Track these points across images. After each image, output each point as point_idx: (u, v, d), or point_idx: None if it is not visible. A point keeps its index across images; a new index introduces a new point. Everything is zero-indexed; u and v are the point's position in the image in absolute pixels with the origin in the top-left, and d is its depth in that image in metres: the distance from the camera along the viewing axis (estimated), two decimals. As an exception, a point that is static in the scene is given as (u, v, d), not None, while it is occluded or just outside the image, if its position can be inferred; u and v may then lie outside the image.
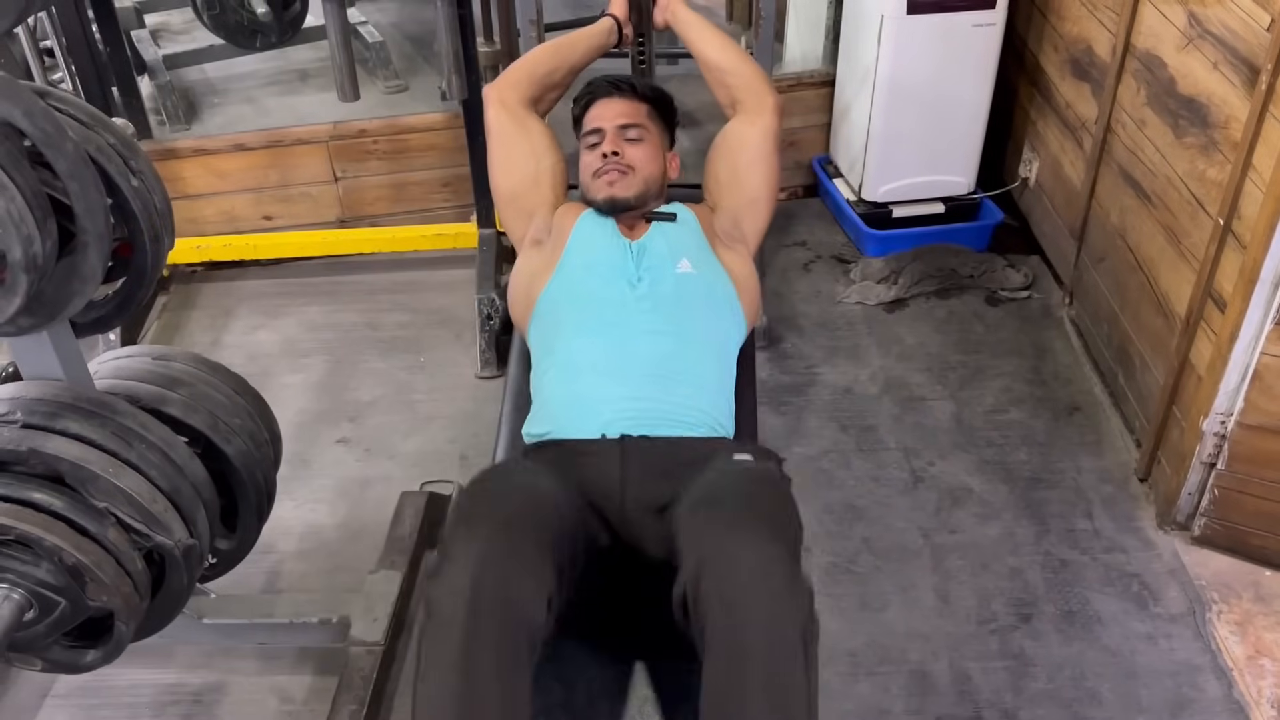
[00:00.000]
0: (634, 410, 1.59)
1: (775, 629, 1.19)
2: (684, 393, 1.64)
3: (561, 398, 1.65)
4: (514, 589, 1.20)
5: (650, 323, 1.68)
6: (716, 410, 1.67)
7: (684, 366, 1.66)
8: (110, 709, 1.93)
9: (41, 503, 1.49)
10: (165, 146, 2.97)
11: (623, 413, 1.59)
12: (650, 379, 1.63)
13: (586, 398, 1.62)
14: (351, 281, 3.04)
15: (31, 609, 1.53)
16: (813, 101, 3.23)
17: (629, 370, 1.64)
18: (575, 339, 1.69)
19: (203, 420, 1.78)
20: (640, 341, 1.66)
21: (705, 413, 1.64)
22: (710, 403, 1.66)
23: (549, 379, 1.69)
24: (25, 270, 1.34)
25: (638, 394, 1.61)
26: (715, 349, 1.73)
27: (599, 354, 1.66)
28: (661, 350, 1.66)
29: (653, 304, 1.70)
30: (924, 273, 2.94)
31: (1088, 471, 2.35)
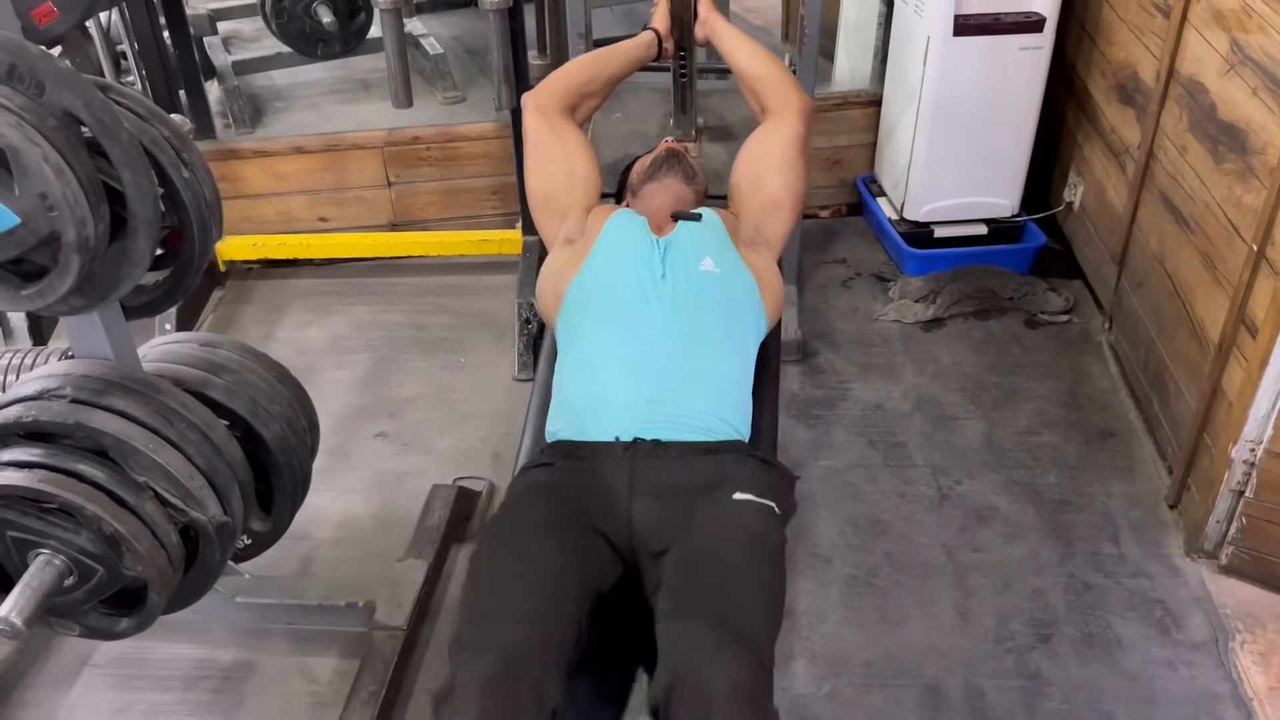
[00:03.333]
0: (648, 413, 1.63)
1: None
2: (699, 394, 1.66)
3: (580, 395, 1.70)
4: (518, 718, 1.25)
5: (670, 321, 1.72)
6: (732, 413, 1.69)
7: (701, 367, 1.69)
8: (144, 680, 2.01)
9: (84, 474, 1.57)
10: (227, 147, 3.09)
11: (637, 414, 1.62)
12: (667, 379, 1.67)
13: (603, 397, 1.67)
14: (399, 283, 3.12)
15: (71, 575, 1.60)
16: (859, 121, 3.26)
17: (646, 369, 1.67)
18: (597, 333, 1.74)
19: (243, 405, 1.85)
20: (659, 340, 1.70)
21: (719, 417, 1.66)
22: (725, 405, 1.69)
23: (569, 375, 1.74)
24: (78, 251, 1.42)
25: (653, 396, 1.64)
26: (734, 349, 1.76)
27: (618, 351, 1.70)
28: (679, 350, 1.69)
29: (674, 303, 1.74)
30: (963, 293, 2.94)
31: (1117, 496, 2.33)
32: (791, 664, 1.99)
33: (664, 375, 1.68)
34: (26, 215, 1.39)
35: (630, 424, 1.62)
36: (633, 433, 1.61)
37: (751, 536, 1.45)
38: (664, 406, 1.64)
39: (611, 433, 1.62)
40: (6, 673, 2.02)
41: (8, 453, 1.59)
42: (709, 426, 1.64)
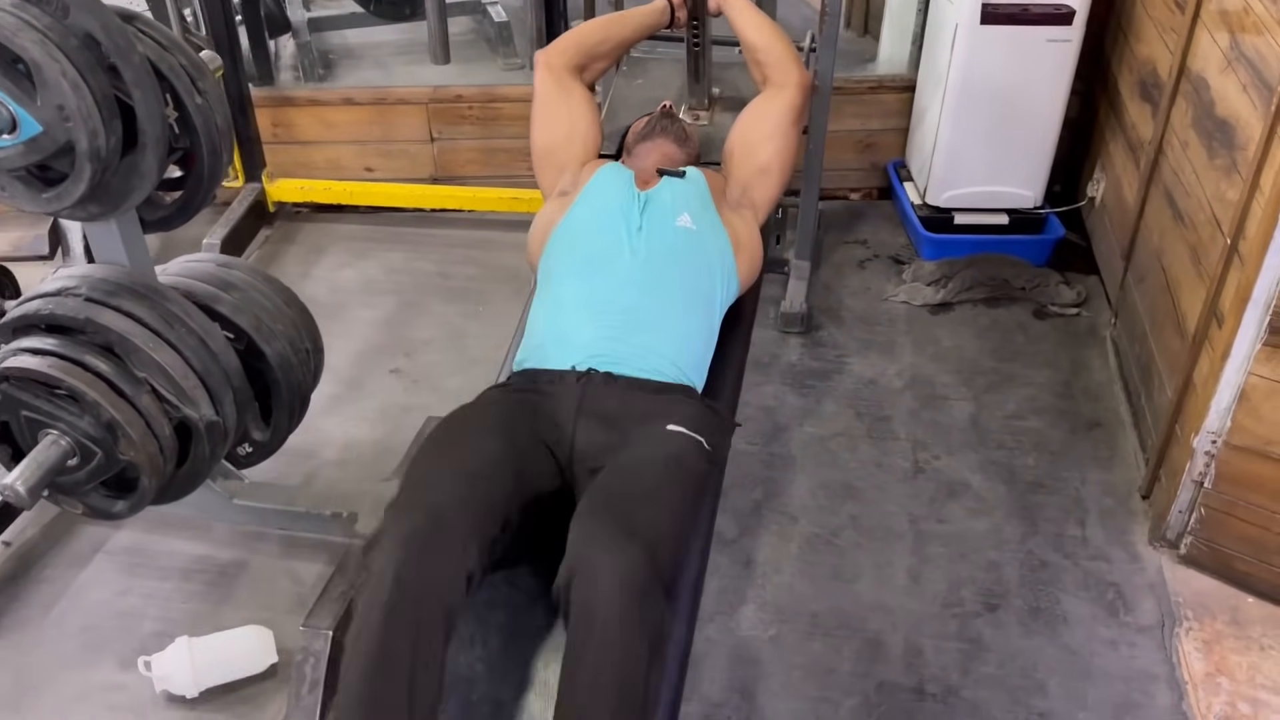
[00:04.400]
0: (606, 349, 1.73)
1: (623, 642, 1.30)
2: (654, 339, 1.75)
3: (545, 329, 1.81)
4: (431, 574, 1.34)
5: (639, 271, 1.82)
6: (687, 362, 1.77)
7: (660, 315, 1.78)
8: (147, 569, 2.20)
9: (90, 364, 1.74)
10: (283, 94, 3.27)
11: (595, 350, 1.73)
12: (627, 322, 1.76)
13: (565, 331, 1.78)
14: (433, 234, 3.28)
15: (74, 456, 1.78)
16: (893, 105, 3.30)
17: (608, 312, 1.77)
18: (569, 277, 1.85)
19: (247, 320, 2.01)
20: (625, 288, 1.80)
21: (674, 363, 1.75)
22: (681, 355, 1.77)
23: (539, 312, 1.85)
24: (90, 159, 1.59)
25: (611, 334, 1.75)
26: (698, 304, 1.84)
27: (586, 294, 1.81)
28: (642, 298, 1.79)
29: (646, 254, 1.83)
30: (975, 280, 2.98)
31: (1092, 484, 2.36)
32: (741, 608, 2.09)
33: (625, 318, 1.77)
34: (46, 124, 1.56)
35: (587, 357, 1.72)
36: (588, 364, 1.71)
37: (671, 458, 1.55)
38: (621, 345, 1.74)
39: (569, 363, 1.72)
40: (29, 551, 2.23)
41: (26, 340, 1.77)
42: (662, 369, 1.73)
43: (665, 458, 1.55)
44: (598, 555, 1.34)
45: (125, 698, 1.94)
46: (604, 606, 1.31)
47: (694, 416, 1.66)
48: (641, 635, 1.31)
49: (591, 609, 1.32)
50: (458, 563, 1.36)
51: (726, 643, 2.02)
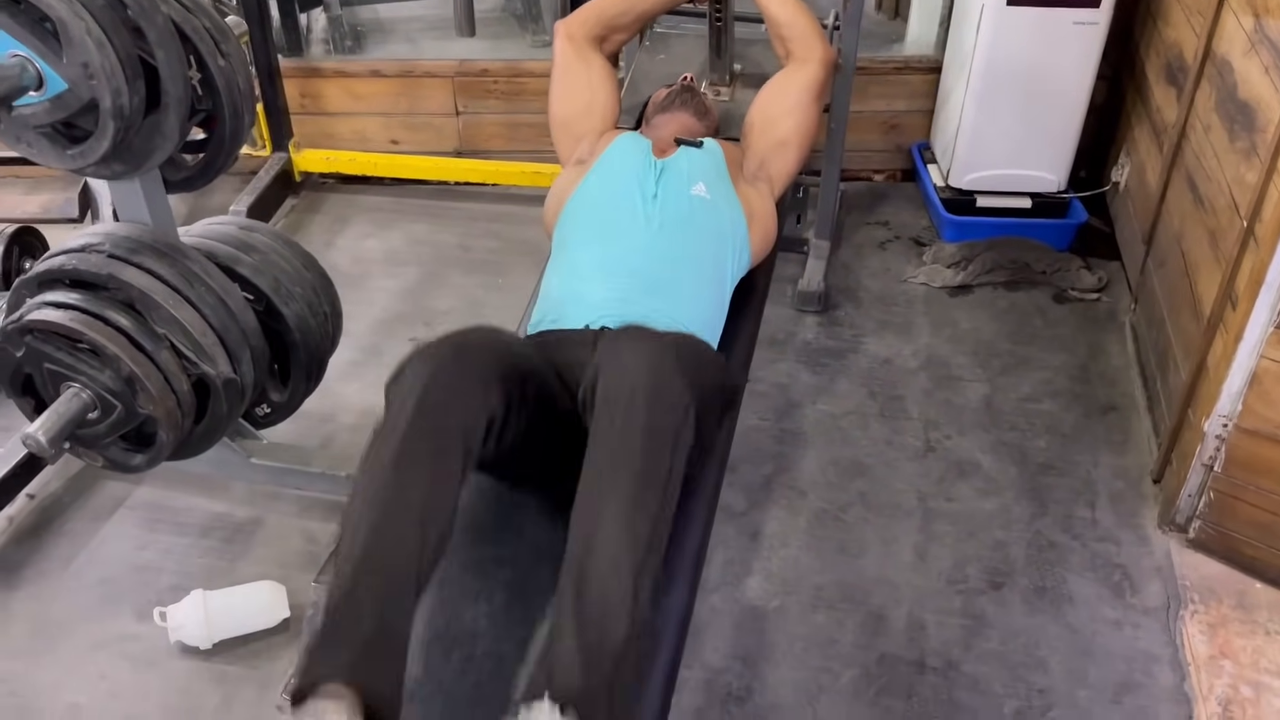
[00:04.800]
0: (617, 309, 1.74)
1: (646, 416, 1.29)
2: (665, 303, 1.77)
3: (559, 293, 1.83)
4: (456, 400, 1.33)
5: (652, 237, 1.83)
6: (693, 324, 1.77)
7: (671, 280, 1.79)
8: (166, 524, 2.25)
9: (112, 319, 1.79)
10: (311, 65, 3.31)
11: (607, 310, 1.74)
12: (637, 285, 1.78)
13: (579, 293, 1.79)
14: (456, 207, 3.31)
15: (95, 409, 1.83)
16: (919, 86, 3.29)
17: (621, 275, 1.79)
18: (583, 242, 1.87)
19: (266, 282, 2.05)
20: (638, 253, 1.81)
21: (680, 324, 1.76)
22: (689, 316, 1.78)
23: (554, 277, 1.88)
24: (113, 117, 1.63)
25: (623, 296, 1.76)
26: (710, 273, 1.86)
27: (599, 258, 1.83)
28: (654, 263, 1.80)
29: (660, 221, 1.85)
30: (995, 262, 2.97)
31: (1104, 467, 2.36)
32: (747, 579, 2.11)
33: (637, 281, 1.79)
34: (72, 82, 1.60)
35: (600, 317, 1.73)
36: (601, 323, 1.73)
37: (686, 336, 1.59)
38: (633, 306, 1.75)
39: (583, 322, 1.74)
40: (51, 505, 2.29)
41: (51, 294, 1.82)
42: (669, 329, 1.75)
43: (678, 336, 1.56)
44: (626, 355, 1.35)
45: (141, 648, 1.99)
46: (631, 387, 1.31)
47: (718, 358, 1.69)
48: (667, 415, 1.31)
49: (615, 390, 1.32)
50: (481, 398, 1.34)
51: (731, 611, 2.04)
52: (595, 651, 1.21)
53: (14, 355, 1.82)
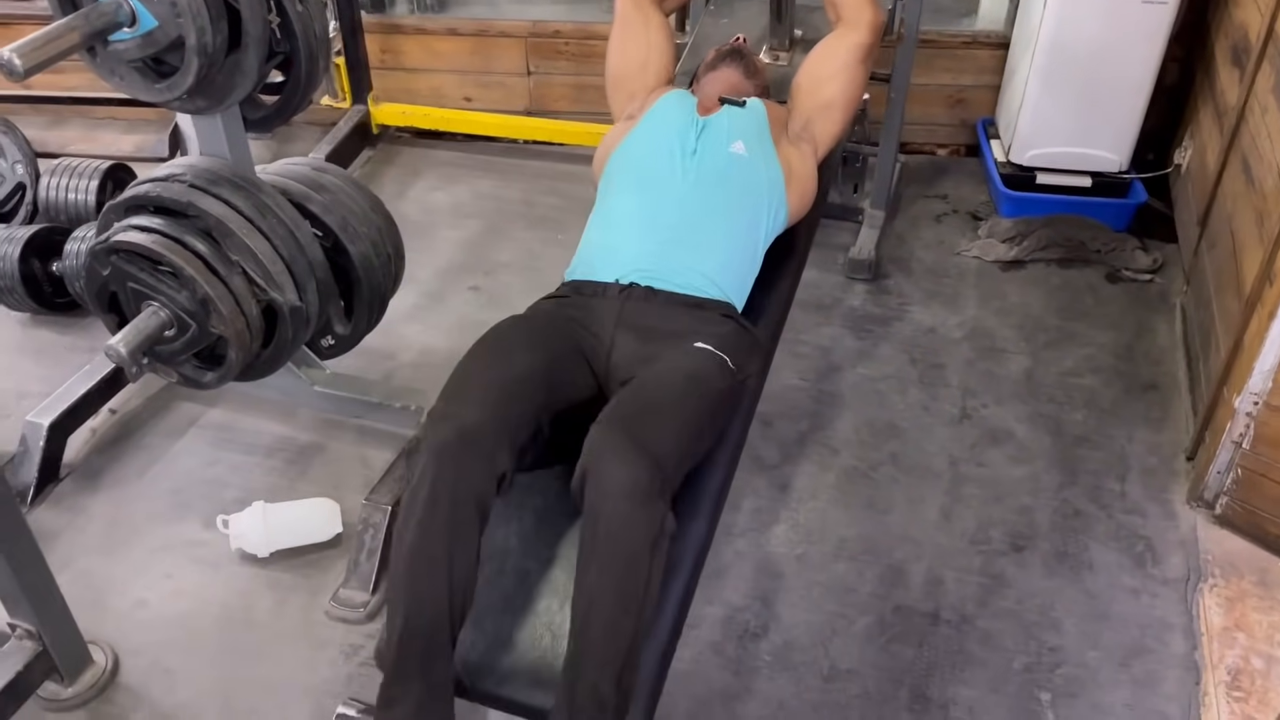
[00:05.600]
0: (649, 264, 1.83)
1: (624, 540, 1.43)
2: (696, 257, 1.84)
3: (594, 243, 1.93)
4: (464, 480, 1.48)
5: (689, 190, 1.91)
6: (727, 282, 1.86)
7: (704, 234, 1.87)
8: (235, 444, 2.41)
9: (190, 244, 1.93)
10: (392, 22, 3.44)
11: (639, 264, 1.83)
12: (670, 238, 1.86)
13: (612, 245, 1.89)
14: (523, 164, 3.41)
15: (172, 328, 1.98)
16: (986, 62, 3.29)
17: (655, 228, 1.87)
18: (622, 194, 1.96)
19: (335, 220, 2.18)
20: (674, 206, 1.89)
21: (713, 281, 1.84)
22: (722, 274, 1.85)
23: (592, 227, 1.97)
24: (197, 54, 1.76)
25: (656, 251, 1.84)
26: (743, 227, 1.92)
27: (635, 210, 1.92)
28: (690, 217, 1.88)
29: (697, 175, 1.93)
30: (1050, 239, 2.98)
31: (1139, 442, 2.38)
32: (774, 527, 2.19)
33: (670, 234, 1.87)
34: (161, 20, 1.74)
35: (630, 271, 1.83)
36: (630, 278, 1.82)
37: (691, 374, 1.65)
38: (664, 261, 1.84)
39: (613, 276, 1.84)
40: (131, 420, 2.46)
41: (137, 219, 1.97)
42: (701, 286, 1.83)
43: (686, 374, 1.65)
44: (607, 463, 1.46)
45: (205, 552, 2.15)
46: (609, 510, 1.44)
47: (723, 335, 1.75)
48: (642, 536, 1.44)
49: (599, 511, 1.45)
50: (487, 468, 1.49)
51: (754, 556, 2.13)
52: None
53: (100, 273, 1.98)
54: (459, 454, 1.50)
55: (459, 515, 1.48)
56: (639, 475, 1.45)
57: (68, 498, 2.27)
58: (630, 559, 1.44)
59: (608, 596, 1.44)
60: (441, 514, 1.47)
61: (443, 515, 1.47)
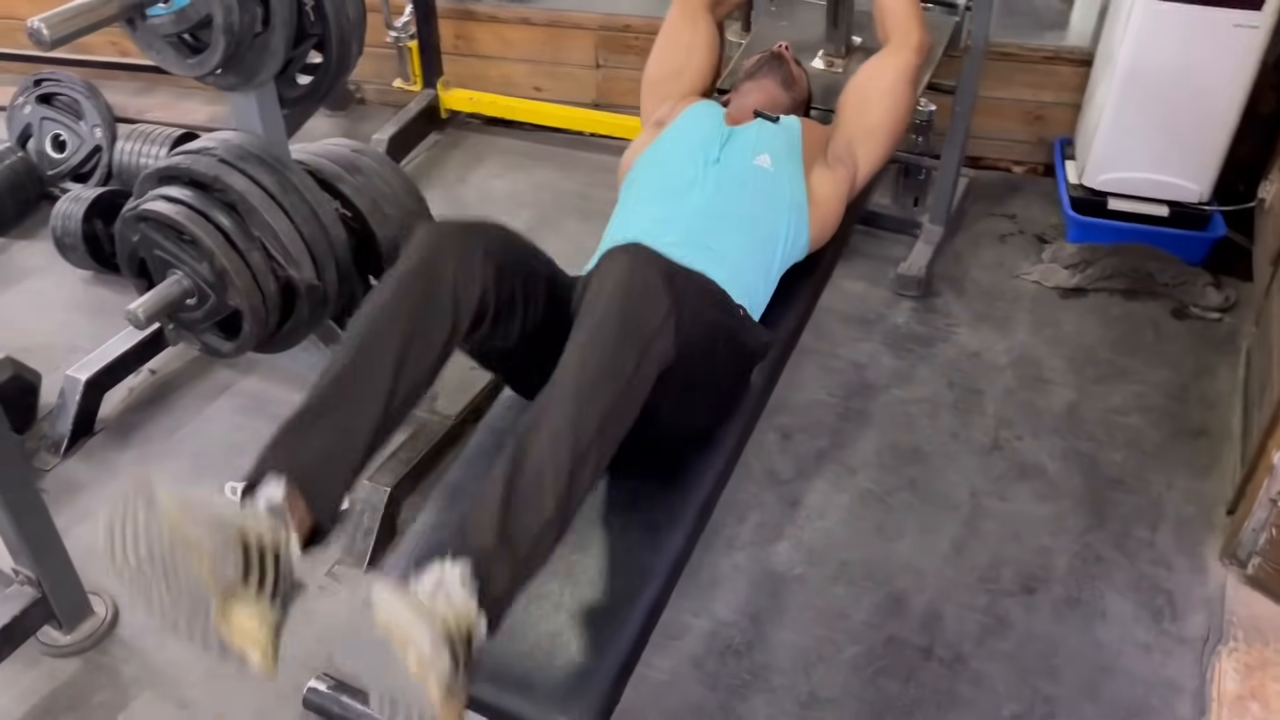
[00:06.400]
0: (660, 260, 1.81)
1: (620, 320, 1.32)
2: (710, 266, 1.79)
3: (608, 243, 1.91)
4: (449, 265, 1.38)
5: (706, 199, 1.87)
6: (736, 291, 1.80)
7: (717, 244, 1.82)
8: (261, 413, 2.46)
9: (214, 217, 1.99)
10: (465, 8, 3.47)
11: (650, 261, 1.81)
12: (685, 243, 1.81)
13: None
14: (584, 157, 3.41)
15: (193, 297, 2.04)
16: (1068, 79, 3.15)
17: (669, 231, 1.84)
18: (638, 202, 1.93)
19: (365, 203, 2.22)
20: (690, 213, 1.86)
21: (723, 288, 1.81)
22: (731, 282, 1.79)
23: (608, 231, 1.95)
24: (224, 32, 1.80)
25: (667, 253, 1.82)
26: (757, 242, 1.87)
27: (652, 216, 1.89)
28: (705, 225, 1.84)
29: (716, 185, 1.89)
30: (1117, 269, 2.84)
31: (1178, 490, 2.25)
32: (776, 544, 2.14)
33: (684, 239, 1.83)
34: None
35: (641, 269, 1.80)
36: (641, 276, 1.79)
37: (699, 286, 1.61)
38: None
39: (624, 272, 1.81)
40: (168, 382, 2.55)
41: (167, 189, 2.03)
42: (711, 289, 1.80)
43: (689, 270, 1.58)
44: (619, 257, 1.39)
45: (216, 516, 2.20)
46: (611, 289, 1.35)
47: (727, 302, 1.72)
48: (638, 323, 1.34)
49: (597, 293, 1.36)
50: (475, 270, 1.40)
51: (751, 571, 2.09)
52: (517, 520, 1.25)
53: (131, 239, 2.05)
54: (455, 240, 1.42)
55: (434, 297, 1.38)
56: (651, 266, 1.37)
57: (98, 452, 2.37)
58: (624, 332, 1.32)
59: (589, 365, 1.31)
60: (419, 287, 1.38)
61: (420, 289, 1.38)
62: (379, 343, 1.35)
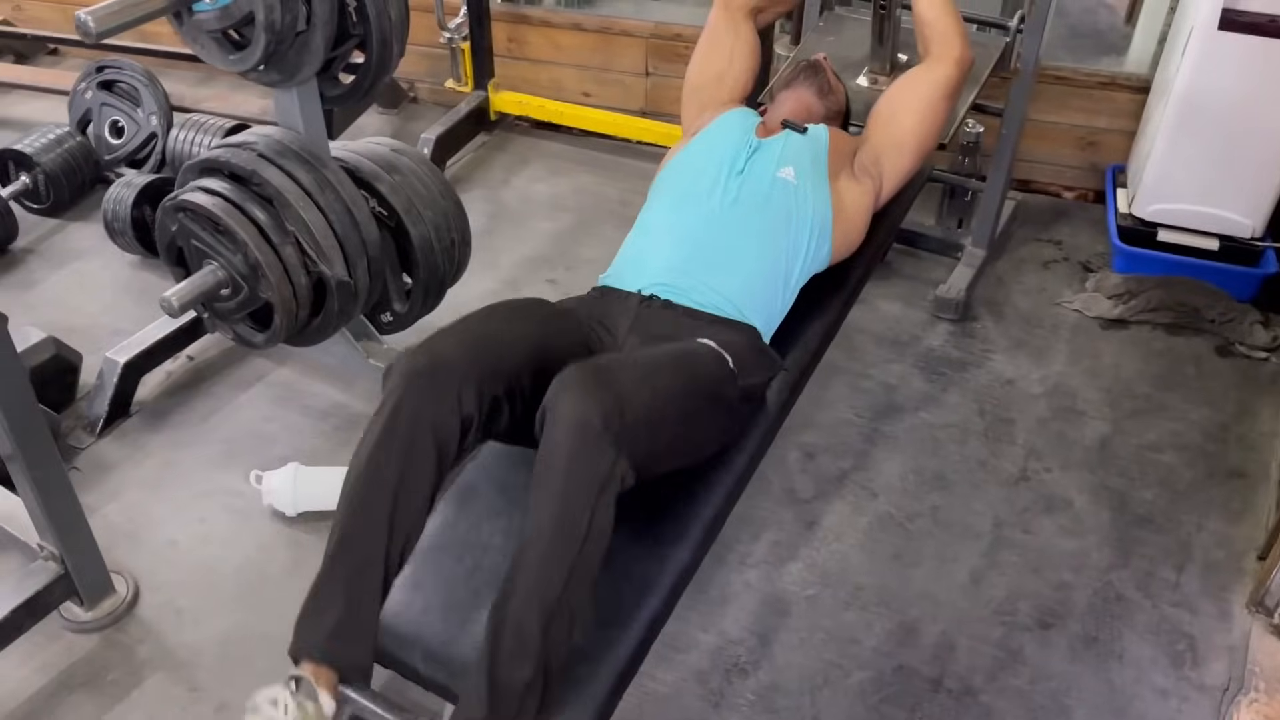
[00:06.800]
0: (671, 278, 1.80)
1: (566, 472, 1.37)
2: (720, 278, 1.80)
3: (626, 253, 1.91)
4: (426, 408, 1.44)
5: (726, 210, 1.87)
6: (746, 303, 1.81)
7: (732, 256, 1.82)
8: (293, 404, 2.50)
9: (250, 211, 2.02)
10: (519, 12, 3.50)
11: (661, 277, 1.80)
12: (696, 255, 1.82)
13: (642, 255, 1.87)
14: (628, 164, 3.41)
15: (227, 287, 2.08)
16: (1124, 105, 3.10)
17: (686, 244, 1.84)
18: (661, 208, 1.94)
19: (400, 202, 2.24)
20: (708, 224, 1.86)
21: (731, 301, 1.79)
22: (742, 294, 1.80)
23: (630, 236, 1.95)
24: (265, 30, 1.84)
25: (683, 267, 1.81)
26: (776, 254, 1.86)
27: (669, 223, 1.90)
28: (723, 238, 1.84)
29: (737, 196, 1.88)
30: (1162, 301, 2.77)
31: (1209, 533, 2.19)
32: (790, 563, 2.12)
33: (699, 253, 1.84)
34: (235, -5, 1.82)
35: (652, 284, 1.80)
36: (651, 290, 1.80)
37: (680, 354, 1.61)
38: (688, 278, 1.81)
39: (636, 286, 1.82)
40: (206, 368, 2.60)
41: (207, 181, 2.07)
42: (719, 306, 1.79)
43: (675, 352, 1.61)
44: (565, 396, 1.40)
45: (240, 503, 2.24)
46: (558, 438, 1.38)
47: (730, 339, 1.71)
48: (586, 472, 1.38)
49: (548, 441, 1.40)
50: (452, 404, 1.45)
51: (763, 589, 2.07)
52: (502, 688, 1.35)
53: (170, 229, 2.09)
54: (426, 382, 1.47)
55: (416, 443, 1.45)
56: (592, 411, 1.38)
57: (132, 433, 2.42)
58: (571, 493, 1.38)
59: (545, 530, 1.38)
60: (398, 438, 1.44)
61: (399, 440, 1.44)
62: (370, 501, 1.45)
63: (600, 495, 1.38)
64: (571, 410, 1.38)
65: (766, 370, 1.78)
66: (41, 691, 1.88)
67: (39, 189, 3.05)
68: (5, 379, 1.67)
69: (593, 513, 1.37)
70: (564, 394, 1.40)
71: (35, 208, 3.10)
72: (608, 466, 1.38)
